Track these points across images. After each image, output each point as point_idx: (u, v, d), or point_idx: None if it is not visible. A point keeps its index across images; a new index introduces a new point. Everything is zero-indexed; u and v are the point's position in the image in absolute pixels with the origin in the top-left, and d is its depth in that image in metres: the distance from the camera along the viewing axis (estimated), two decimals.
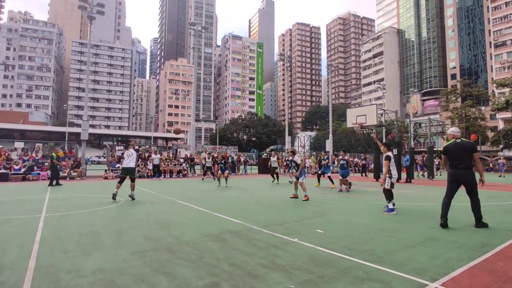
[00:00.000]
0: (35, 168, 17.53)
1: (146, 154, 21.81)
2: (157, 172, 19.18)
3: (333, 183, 13.25)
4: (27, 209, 7.25)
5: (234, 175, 23.51)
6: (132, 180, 8.88)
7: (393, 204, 6.82)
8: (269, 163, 18.10)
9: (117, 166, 19.92)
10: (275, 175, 16.19)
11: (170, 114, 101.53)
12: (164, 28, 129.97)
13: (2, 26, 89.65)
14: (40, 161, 18.21)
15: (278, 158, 18.00)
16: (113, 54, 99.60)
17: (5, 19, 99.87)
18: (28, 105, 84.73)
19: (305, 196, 8.91)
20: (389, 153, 7.08)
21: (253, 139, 78.46)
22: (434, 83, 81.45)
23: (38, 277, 3.00)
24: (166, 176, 19.82)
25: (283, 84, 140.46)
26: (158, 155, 20.07)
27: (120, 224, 5.64)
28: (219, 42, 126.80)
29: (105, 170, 19.53)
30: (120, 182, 8.75)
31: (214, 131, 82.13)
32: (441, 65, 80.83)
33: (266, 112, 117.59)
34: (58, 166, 14.15)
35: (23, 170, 16.79)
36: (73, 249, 4.00)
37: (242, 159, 26.36)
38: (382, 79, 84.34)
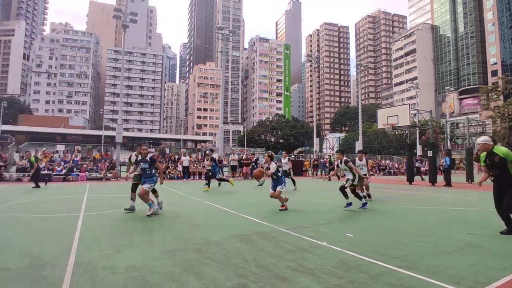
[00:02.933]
0: (75, 169, 18.59)
1: (176, 156, 22.44)
2: (186, 173, 19.65)
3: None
4: (68, 208, 7.71)
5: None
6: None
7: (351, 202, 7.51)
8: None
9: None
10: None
11: (199, 117, 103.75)
12: (193, 34, 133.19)
13: (45, 37, 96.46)
14: (79, 163, 19.30)
15: (289, 160, 15.48)
16: (145, 60, 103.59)
17: (48, 31, 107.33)
18: (69, 110, 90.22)
19: (282, 205, 7.37)
20: (347, 158, 7.73)
21: (280, 141, 78.28)
22: (472, 81, 76.82)
23: (77, 273, 3.18)
24: (195, 178, 20.23)
25: (311, 85, 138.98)
26: (188, 157, 20.56)
27: (151, 224, 5.83)
28: (246, 45, 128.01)
29: None
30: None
31: (242, 133, 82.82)
32: (480, 61, 76.07)
33: (293, 114, 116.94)
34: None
35: (64, 171, 17.88)
36: (108, 247, 4.19)
37: None
38: (415, 78, 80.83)
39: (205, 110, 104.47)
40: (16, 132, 59.15)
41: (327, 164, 24.23)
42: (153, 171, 6.80)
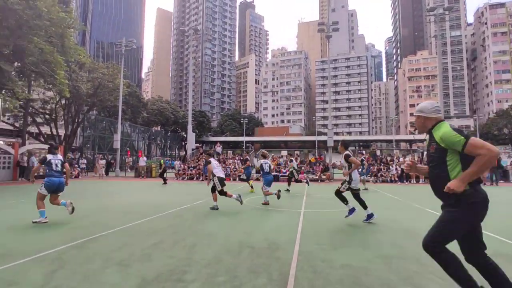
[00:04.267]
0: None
1: (388, 158, 21.32)
2: (402, 176, 18.26)
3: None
4: (291, 204, 9.02)
5: (503, 182, 18.32)
6: None
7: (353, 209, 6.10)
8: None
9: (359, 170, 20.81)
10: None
11: (412, 114, 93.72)
12: (398, 24, 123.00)
13: (268, 63, 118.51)
14: (299, 166, 22.12)
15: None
16: (349, 64, 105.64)
17: (270, 57, 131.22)
18: (288, 121, 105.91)
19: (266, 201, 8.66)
20: (348, 152, 6.19)
21: None
22: None
23: (301, 260, 3.67)
24: (412, 181, 18.45)
25: None
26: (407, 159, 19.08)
27: (365, 226, 5.83)
28: (470, 19, 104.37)
29: None
30: None
31: (472, 128, 67.77)
32: None
33: None
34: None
35: (287, 173, 21.04)
36: (325, 242, 4.56)
37: None
38: None
39: None
40: (254, 142, 75.74)
41: None
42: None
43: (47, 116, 32.08)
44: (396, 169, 19.19)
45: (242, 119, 78.77)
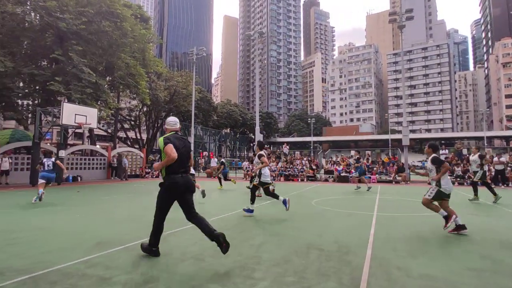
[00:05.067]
0: (366, 172, 20.30)
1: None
2: (497, 178, 15.94)
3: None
4: (363, 206, 8.58)
5: None
6: None
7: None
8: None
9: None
10: None
11: (509, 107, 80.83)
12: (488, 4, 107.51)
13: (335, 60, 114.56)
14: (370, 166, 20.93)
15: None
16: (427, 54, 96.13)
17: (336, 54, 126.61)
18: (358, 119, 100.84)
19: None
20: (262, 152, 7.09)
21: None
22: None
23: (373, 266, 3.46)
24: (510, 185, 16.03)
25: None
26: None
27: (449, 233, 5.23)
28: None
29: None
30: None
31: None
32: None
33: None
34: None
35: (356, 174, 20.03)
36: (401, 248, 4.22)
37: None
38: None
39: None
40: (322, 142, 74.01)
41: None
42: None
43: (132, 123, 36.20)
44: (489, 170, 16.79)
45: (309, 119, 77.66)
